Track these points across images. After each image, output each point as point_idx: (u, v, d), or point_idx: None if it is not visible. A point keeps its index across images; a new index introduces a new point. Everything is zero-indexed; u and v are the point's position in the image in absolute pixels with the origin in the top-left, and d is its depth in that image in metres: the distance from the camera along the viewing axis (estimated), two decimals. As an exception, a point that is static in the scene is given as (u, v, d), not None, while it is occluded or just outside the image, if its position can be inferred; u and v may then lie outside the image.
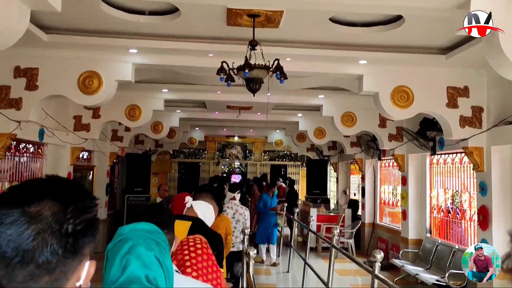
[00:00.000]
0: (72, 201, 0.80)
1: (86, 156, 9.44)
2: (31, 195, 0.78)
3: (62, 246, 0.77)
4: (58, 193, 0.80)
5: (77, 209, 0.80)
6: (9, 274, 0.73)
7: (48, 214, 0.76)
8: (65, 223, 0.78)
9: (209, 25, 4.63)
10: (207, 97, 8.27)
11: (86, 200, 0.83)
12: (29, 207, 0.76)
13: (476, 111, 5.71)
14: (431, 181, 8.00)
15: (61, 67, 5.24)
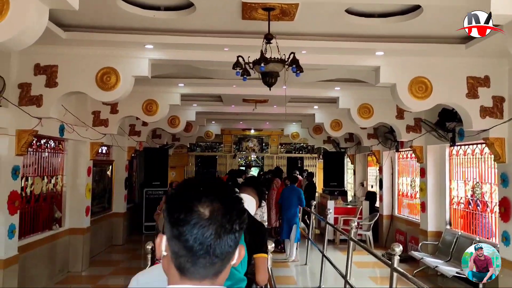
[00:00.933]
0: (234, 204, 1.02)
1: (105, 151, 9.59)
2: (201, 195, 0.99)
3: (233, 240, 0.99)
4: (222, 195, 1.01)
5: (239, 211, 1.02)
6: (193, 261, 0.97)
7: (220, 215, 0.97)
8: (234, 223, 0.99)
9: (224, 19, 4.63)
10: (223, 91, 8.29)
11: (240, 201, 1.05)
12: (203, 208, 0.97)
13: (497, 101, 5.59)
14: (450, 173, 7.89)
15: (80, 64, 5.31)
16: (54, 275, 6.95)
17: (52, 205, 7.09)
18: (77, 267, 7.49)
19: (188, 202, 0.98)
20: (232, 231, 0.98)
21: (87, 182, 7.73)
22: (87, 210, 7.68)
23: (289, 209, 8.78)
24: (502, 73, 5.63)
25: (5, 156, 5.13)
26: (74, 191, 7.54)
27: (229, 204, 1.00)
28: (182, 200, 0.99)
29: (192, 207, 0.97)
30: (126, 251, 9.59)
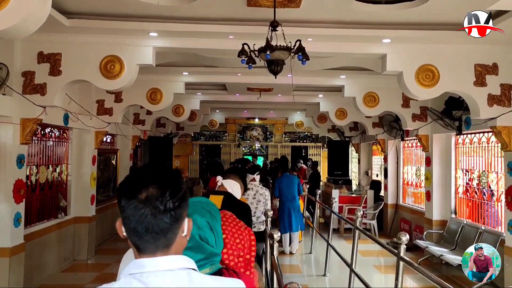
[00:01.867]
0: (168, 185, 1.15)
1: (110, 140, 9.59)
2: (141, 184, 1.14)
3: (169, 218, 1.14)
4: (158, 180, 1.15)
5: (172, 191, 1.15)
6: (140, 239, 1.14)
7: (153, 198, 1.12)
8: (167, 203, 1.13)
9: (229, 6, 4.56)
10: (227, 80, 8.24)
11: (177, 182, 1.18)
12: (141, 195, 1.12)
13: (505, 89, 5.52)
14: (456, 162, 7.85)
15: (83, 52, 5.27)
16: (59, 263, 7.00)
17: (57, 194, 7.11)
18: (83, 256, 7.54)
19: (129, 191, 1.15)
20: (166, 210, 1.13)
21: (92, 171, 7.74)
22: (92, 199, 7.70)
23: (293, 200, 8.26)
24: (511, 60, 5.54)
25: (9, 144, 5.13)
26: (79, 180, 7.56)
27: (163, 187, 1.14)
28: (124, 189, 1.16)
29: (132, 195, 1.13)
30: (131, 240, 9.63)
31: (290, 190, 8.23)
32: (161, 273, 1.11)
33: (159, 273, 1.11)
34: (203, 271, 1.47)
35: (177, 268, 1.14)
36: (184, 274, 1.13)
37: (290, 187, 8.26)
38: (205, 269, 1.51)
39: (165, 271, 1.12)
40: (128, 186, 1.16)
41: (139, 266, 1.12)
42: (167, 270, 1.12)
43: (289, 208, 8.18)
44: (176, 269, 1.13)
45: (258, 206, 5.71)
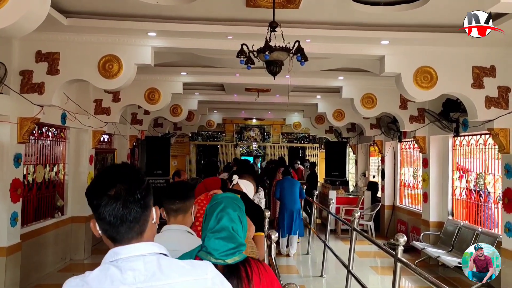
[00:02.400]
0: (133, 180, 1.31)
1: (107, 139, 9.57)
2: (109, 183, 1.28)
3: (138, 206, 1.29)
4: (124, 177, 1.30)
5: (137, 184, 1.31)
6: (116, 231, 1.28)
7: (122, 192, 1.27)
8: (135, 194, 1.29)
9: (228, 6, 4.57)
10: (225, 80, 8.24)
11: (139, 177, 1.34)
12: (110, 192, 1.27)
13: (502, 91, 5.54)
14: (453, 163, 7.87)
15: (82, 51, 5.26)
16: (56, 263, 6.97)
17: (54, 193, 7.09)
18: (79, 255, 7.51)
19: (98, 191, 1.29)
20: (135, 200, 1.28)
21: (89, 171, 7.72)
22: (89, 199, 7.67)
23: (294, 203, 8.18)
24: (508, 62, 5.57)
25: (7, 143, 5.11)
26: (76, 180, 7.54)
27: (128, 181, 1.30)
28: (94, 190, 1.30)
29: (101, 193, 1.28)
30: (128, 239, 9.60)
31: (292, 193, 8.16)
32: (134, 258, 1.26)
33: (132, 258, 1.26)
34: (232, 259, 1.71)
35: (148, 253, 1.27)
36: (154, 258, 1.27)
37: (291, 190, 8.18)
38: (234, 257, 1.72)
39: (138, 256, 1.26)
40: (98, 186, 1.31)
41: (115, 254, 1.27)
42: (139, 256, 1.26)
43: (290, 211, 8.11)
44: (148, 254, 1.27)
45: None
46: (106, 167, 1.43)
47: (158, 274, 1.24)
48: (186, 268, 1.30)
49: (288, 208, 8.12)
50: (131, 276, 1.23)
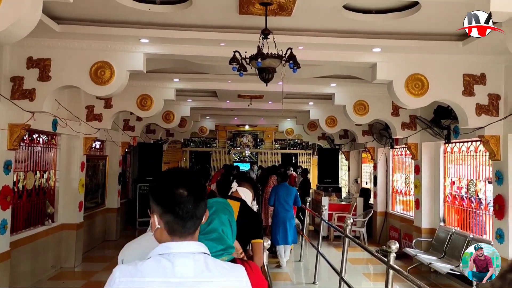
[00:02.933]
0: (198, 183, 1.49)
1: (99, 146, 9.51)
2: (180, 183, 1.45)
3: (203, 205, 1.48)
4: (191, 180, 1.48)
5: (201, 186, 1.50)
6: (183, 224, 1.43)
7: (194, 192, 1.44)
8: (201, 193, 1.48)
9: (221, 14, 4.58)
10: (218, 86, 8.25)
11: (201, 180, 1.52)
12: (182, 190, 1.43)
13: (493, 99, 5.60)
14: (445, 170, 7.92)
15: (73, 57, 5.24)
16: (46, 271, 6.89)
17: (45, 200, 7.02)
18: (70, 263, 7.43)
19: (170, 189, 1.44)
20: (202, 199, 1.47)
21: (80, 177, 7.65)
22: (80, 206, 7.61)
23: (287, 211, 7.89)
24: (498, 70, 5.63)
25: (-3, 150, 5.06)
26: (67, 186, 7.47)
27: (194, 183, 1.47)
28: (165, 188, 1.45)
29: (173, 191, 1.42)
30: (119, 247, 9.26)
31: (287, 200, 7.89)
32: (185, 254, 1.39)
33: (183, 254, 1.39)
34: (221, 259, 1.72)
35: (197, 252, 1.41)
36: (202, 257, 1.41)
37: (287, 197, 7.92)
38: (223, 257, 1.79)
39: (188, 253, 1.40)
40: (169, 185, 1.46)
41: (167, 248, 1.40)
42: (189, 253, 1.40)
43: (284, 219, 7.84)
44: (196, 253, 1.41)
45: None
46: (170, 170, 1.56)
47: (206, 272, 1.37)
48: (227, 268, 1.45)
49: (281, 217, 7.87)
50: (182, 270, 1.36)
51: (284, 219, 7.85)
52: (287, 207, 7.88)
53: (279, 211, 7.91)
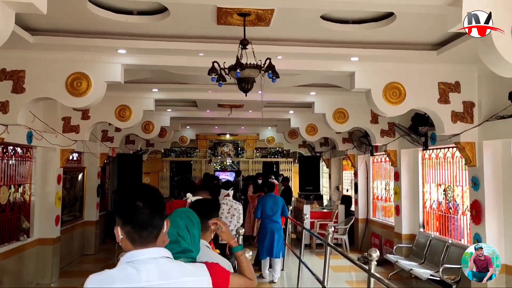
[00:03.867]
0: (155, 197, 1.65)
1: (76, 158, 9.33)
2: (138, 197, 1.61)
3: (159, 216, 1.63)
4: (148, 193, 1.64)
5: (157, 199, 1.65)
6: (140, 234, 1.58)
7: (149, 204, 1.61)
8: (158, 206, 1.64)
9: (199, 24, 4.56)
10: (198, 96, 8.21)
11: (159, 194, 1.68)
12: (139, 203, 1.58)
13: (467, 107, 5.72)
14: (423, 176, 8.03)
15: (49, 69, 5.14)
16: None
17: (20, 215, 6.82)
18: (47, 279, 7.22)
19: (130, 202, 1.60)
20: (157, 210, 1.61)
21: (57, 190, 7.48)
22: (57, 219, 7.43)
23: (275, 222, 7.55)
24: (472, 79, 5.77)
25: (-31, 165, 4.91)
26: (43, 200, 7.29)
27: (150, 196, 1.62)
28: (125, 201, 1.62)
29: (132, 203, 1.58)
30: (98, 261, 9.33)
31: (274, 211, 7.54)
32: (148, 260, 1.55)
33: (146, 261, 1.54)
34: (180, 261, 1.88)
35: (159, 257, 1.58)
36: (165, 261, 1.57)
37: (274, 208, 7.56)
38: (181, 260, 1.88)
39: (151, 258, 1.55)
40: (129, 198, 1.61)
41: (132, 256, 1.56)
42: (152, 258, 1.56)
43: (271, 230, 7.46)
44: (159, 257, 1.57)
45: (232, 220, 6.25)
46: (132, 185, 1.72)
47: (169, 275, 1.53)
48: (190, 269, 1.63)
49: (269, 228, 7.47)
50: (146, 275, 1.50)
51: (272, 230, 7.47)
52: (274, 218, 7.53)
53: (266, 222, 7.54)
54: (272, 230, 7.46)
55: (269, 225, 7.49)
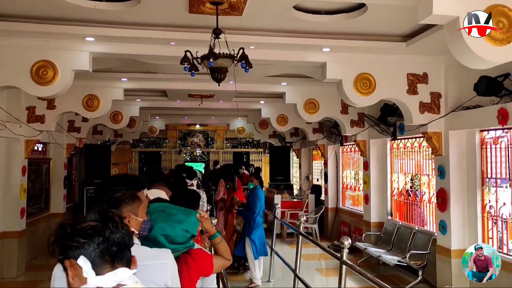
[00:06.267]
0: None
1: (42, 149, 9.05)
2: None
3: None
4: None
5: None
6: None
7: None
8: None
9: (170, 12, 4.48)
10: (168, 86, 8.08)
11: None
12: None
13: (434, 97, 5.89)
14: (391, 166, 8.23)
15: (12, 56, 4.93)
16: (-14, 283, 6.46)
17: (-17, 208, 6.58)
18: (12, 273, 7.01)
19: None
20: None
21: (22, 182, 7.24)
22: (22, 212, 7.20)
23: (262, 217, 6.88)
24: (439, 70, 5.93)
25: None
26: (7, 192, 7.04)
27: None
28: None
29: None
30: (66, 254, 9.11)
31: (263, 206, 6.92)
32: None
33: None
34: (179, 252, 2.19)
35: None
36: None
37: (262, 201, 6.89)
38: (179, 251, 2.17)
39: None
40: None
41: None
42: None
43: (262, 226, 6.88)
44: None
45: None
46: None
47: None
48: (155, 253, 1.76)
49: (261, 224, 6.81)
50: None
51: (262, 227, 6.93)
52: (262, 213, 6.89)
53: (259, 218, 6.76)
54: (262, 227, 6.92)
55: (261, 221, 6.85)
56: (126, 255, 1.30)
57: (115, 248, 1.26)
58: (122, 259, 1.28)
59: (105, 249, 1.25)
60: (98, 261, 1.24)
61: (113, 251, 1.26)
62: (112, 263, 1.25)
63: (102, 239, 1.25)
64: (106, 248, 1.25)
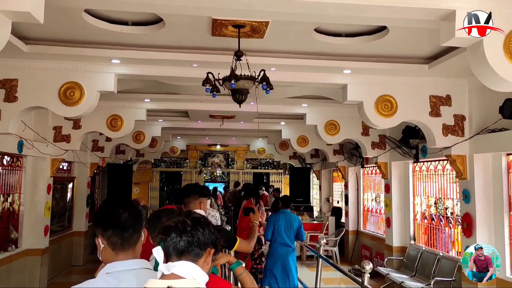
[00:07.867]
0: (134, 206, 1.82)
1: (66, 167, 9.24)
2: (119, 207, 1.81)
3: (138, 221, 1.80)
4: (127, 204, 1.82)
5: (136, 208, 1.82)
6: (122, 235, 1.71)
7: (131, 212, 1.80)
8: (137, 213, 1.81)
9: (193, 35, 4.58)
10: (189, 107, 8.20)
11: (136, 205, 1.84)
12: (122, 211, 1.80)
13: (458, 120, 5.80)
14: (414, 188, 8.08)
15: (42, 78, 5.10)
16: (8, 299, 6.55)
17: (8, 225, 6.71)
18: (34, 290, 7.10)
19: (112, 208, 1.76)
20: (136, 215, 1.75)
21: (47, 200, 7.39)
22: (46, 230, 7.32)
23: (288, 246, 6.20)
24: (463, 92, 5.86)
25: (-43, 174, 4.83)
26: (33, 210, 7.19)
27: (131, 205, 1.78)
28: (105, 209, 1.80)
29: (114, 209, 1.74)
30: (86, 272, 9.16)
31: (288, 233, 6.18)
32: (128, 271, 1.63)
33: (127, 271, 1.63)
34: None
35: (139, 268, 1.67)
36: (145, 272, 1.66)
37: (288, 228, 6.19)
38: None
39: (131, 270, 1.64)
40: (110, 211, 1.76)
41: (113, 267, 1.64)
42: (132, 269, 1.65)
43: (283, 257, 6.12)
44: (139, 268, 1.67)
45: None
46: (109, 200, 1.92)
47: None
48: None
49: (280, 254, 6.10)
50: (127, 285, 1.58)
51: (284, 257, 6.12)
52: (287, 241, 6.17)
53: (276, 246, 6.17)
54: (283, 257, 6.13)
55: (281, 250, 6.16)
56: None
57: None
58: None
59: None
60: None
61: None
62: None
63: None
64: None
